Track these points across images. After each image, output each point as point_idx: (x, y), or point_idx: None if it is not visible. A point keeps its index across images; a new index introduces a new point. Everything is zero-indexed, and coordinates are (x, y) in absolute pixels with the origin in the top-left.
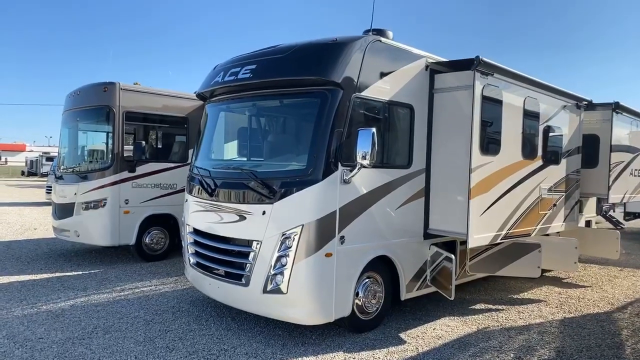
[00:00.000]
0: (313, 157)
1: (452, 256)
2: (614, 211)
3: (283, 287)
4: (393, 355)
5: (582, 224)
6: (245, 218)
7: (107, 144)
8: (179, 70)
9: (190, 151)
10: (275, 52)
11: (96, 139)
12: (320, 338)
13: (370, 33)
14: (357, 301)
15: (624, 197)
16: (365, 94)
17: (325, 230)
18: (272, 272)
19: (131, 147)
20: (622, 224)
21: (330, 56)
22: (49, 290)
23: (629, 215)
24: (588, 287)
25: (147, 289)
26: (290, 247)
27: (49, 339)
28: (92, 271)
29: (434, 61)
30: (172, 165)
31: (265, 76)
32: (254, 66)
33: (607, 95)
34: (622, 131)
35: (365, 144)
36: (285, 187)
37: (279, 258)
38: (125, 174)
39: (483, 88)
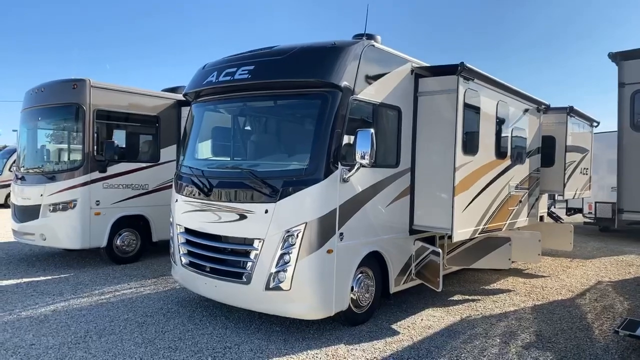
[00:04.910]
0: (315, 157)
1: (439, 250)
2: (554, 207)
3: (286, 284)
4: (391, 345)
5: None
6: (246, 217)
7: (76, 143)
8: (115, 66)
9: (162, 150)
10: (274, 53)
11: (64, 138)
12: (318, 332)
13: (364, 38)
14: (352, 295)
15: (575, 193)
16: (360, 96)
17: (327, 228)
18: (275, 270)
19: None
20: (561, 219)
21: (330, 59)
22: (21, 296)
23: (570, 211)
24: (547, 277)
25: (128, 292)
26: (294, 244)
27: (41, 344)
28: (63, 275)
29: (418, 66)
30: (144, 165)
31: (265, 77)
32: (251, 67)
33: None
34: (573, 133)
35: (364, 144)
36: (287, 186)
37: (282, 255)
38: (97, 174)
39: (465, 92)
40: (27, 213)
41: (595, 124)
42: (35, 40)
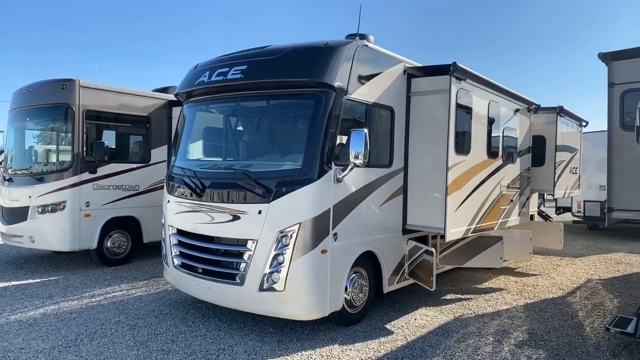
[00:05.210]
0: (308, 157)
1: (433, 250)
2: (544, 206)
3: (280, 285)
4: (385, 345)
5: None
6: (239, 218)
7: (65, 144)
8: (107, 65)
9: (153, 151)
10: (266, 53)
11: (53, 139)
12: (312, 333)
13: (357, 38)
14: (346, 295)
15: (565, 192)
16: (354, 96)
17: (321, 228)
18: (269, 270)
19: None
20: (550, 218)
21: (323, 59)
22: (10, 300)
23: (559, 210)
24: (538, 275)
25: (119, 294)
26: (288, 245)
27: (31, 349)
28: (52, 278)
29: (411, 66)
30: (135, 166)
31: (257, 77)
32: (244, 67)
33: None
34: (563, 132)
35: (358, 144)
36: (281, 186)
37: (275, 256)
38: (86, 175)
39: (457, 92)
40: (15, 215)
41: (584, 123)
42: (32, 39)
